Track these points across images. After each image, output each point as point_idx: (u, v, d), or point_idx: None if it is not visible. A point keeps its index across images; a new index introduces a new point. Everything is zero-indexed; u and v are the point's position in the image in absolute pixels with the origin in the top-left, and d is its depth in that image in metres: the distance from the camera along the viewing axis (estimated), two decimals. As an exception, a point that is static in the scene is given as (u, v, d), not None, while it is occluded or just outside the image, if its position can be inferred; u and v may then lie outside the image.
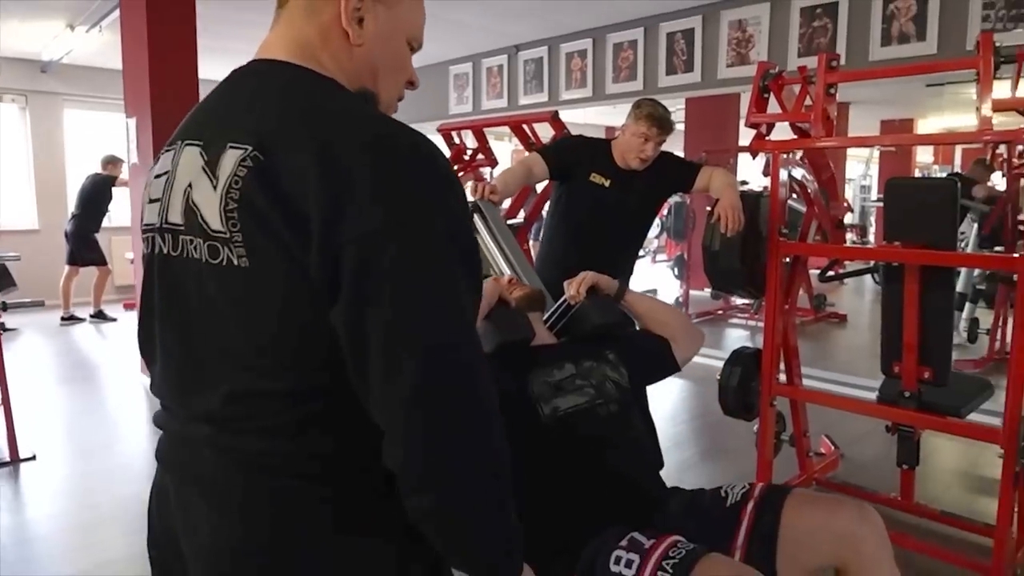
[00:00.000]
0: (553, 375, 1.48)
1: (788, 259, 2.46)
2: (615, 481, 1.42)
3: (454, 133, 4.41)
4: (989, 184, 4.64)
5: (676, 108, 7.30)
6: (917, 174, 11.83)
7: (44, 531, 2.58)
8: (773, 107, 2.53)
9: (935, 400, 2.28)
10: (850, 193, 12.91)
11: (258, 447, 0.73)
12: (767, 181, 2.59)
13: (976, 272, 4.45)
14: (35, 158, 7.03)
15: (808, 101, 2.44)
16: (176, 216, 0.76)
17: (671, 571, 1.15)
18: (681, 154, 6.88)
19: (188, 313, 0.77)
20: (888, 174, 10.37)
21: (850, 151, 10.62)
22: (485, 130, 4.31)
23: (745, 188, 6.55)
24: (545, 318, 1.74)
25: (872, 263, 3.69)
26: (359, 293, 0.66)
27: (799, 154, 2.55)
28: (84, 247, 5.93)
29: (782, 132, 2.64)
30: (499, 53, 6.02)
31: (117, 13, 4.10)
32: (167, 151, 0.81)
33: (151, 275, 0.82)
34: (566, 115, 5.78)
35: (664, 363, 1.68)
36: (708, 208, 2.40)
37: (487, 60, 6.15)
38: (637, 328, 1.79)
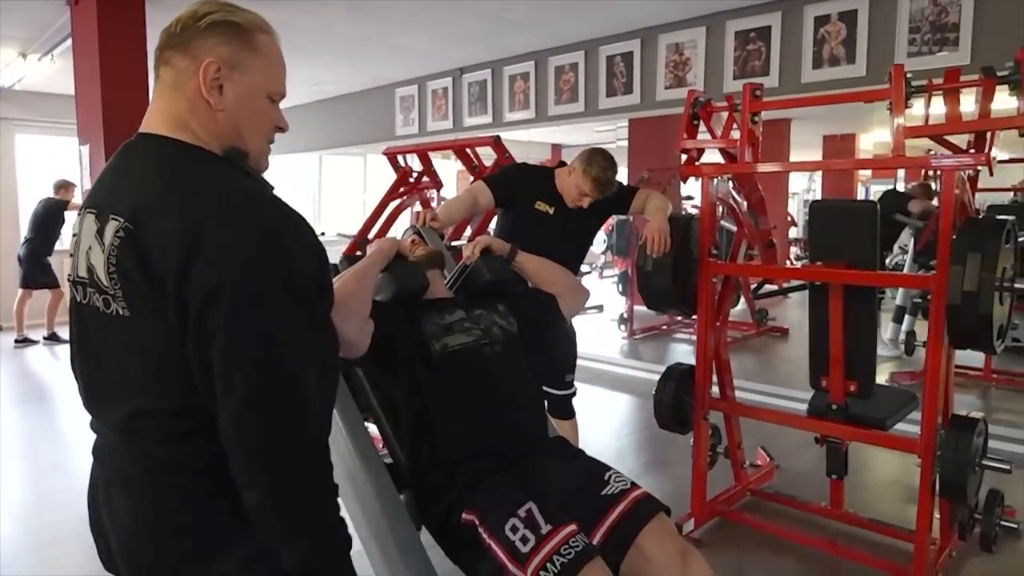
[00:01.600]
0: (444, 318, 1.63)
1: (717, 279, 2.53)
2: (497, 412, 1.56)
3: (399, 156, 4.44)
4: (929, 201, 4.84)
5: (619, 126, 7.48)
6: (860, 188, 12.31)
7: (3, 549, 2.61)
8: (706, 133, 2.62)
9: (861, 412, 2.38)
10: (794, 207, 13.35)
11: (159, 452, 0.92)
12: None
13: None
14: (-12, 183, 6.95)
15: (736, 127, 2.54)
16: (83, 272, 0.94)
17: (558, 568, 1.26)
18: (625, 171, 7.05)
19: (94, 349, 0.96)
20: (831, 188, 10.75)
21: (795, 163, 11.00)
22: (430, 153, 4.35)
23: (690, 203, 6.75)
24: (446, 281, 1.87)
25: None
26: (201, 332, 0.83)
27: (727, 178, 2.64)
28: (37, 270, 5.93)
29: (714, 157, 2.73)
30: (444, 76, 6.07)
31: (69, 42, 4.06)
32: (79, 215, 0.97)
33: (72, 316, 1.00)
34: (511, 134, 5.87)
35: (550, 315, 1.82)
36: (640, 232, 2.47)
37: (432, 83, 6.18)
38: (528, 286, 1.94)
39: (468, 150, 3.94)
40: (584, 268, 8.58)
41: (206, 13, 0.92)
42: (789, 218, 9.98)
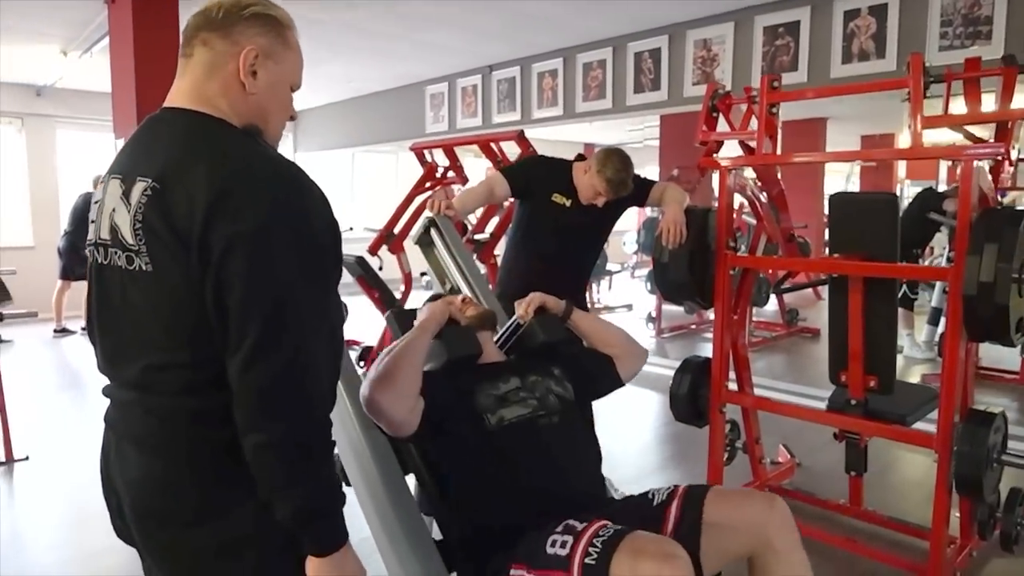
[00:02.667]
0: (499, 388, 1.56)
1: (735, 271, 2.52)
2: (553, 484, 1.49)
3: (426, 152, 4.50)
4: None
5: (650, 124, 7.45)
6: (898, 189, 12.00)
7: (35, 524, 2.76)
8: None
9: (881, 408, 2.35)
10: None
11: (171, 405, 0.96)
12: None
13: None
14: (30, 178, 7.28)
15: (755, 119, 2.53)
16: (105, 234, 0.99)
17: (599, 547, 1.23)
18: (656, 169, 7.01)
19: (114, 307, 1.00)
20: (869, 187, 10.49)
21: (829, 167, 10.76)
22: (457, 149, 4.40)
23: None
24: (496, 337, 1.81)
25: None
26: (219, 282, 0.88)
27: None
28: (76, 262, 6.12)
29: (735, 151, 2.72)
30: (473, 73, 6.12)
31: (107, 40, 4.21)
32: (101, 183, 1.02)
33: (91, 280, 1.05)
34: (541, 133, 5.89)
35: (608, 379, 1.76)
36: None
37: (462, 80, 6.24)
38: (584, 346, 1.86)
39: (493, 145, 3.99)
40: (615, 267, 8.59)
41: (248, 4, 1.01)
42: (825, 219, 9.79)
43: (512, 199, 2.71)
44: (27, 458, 3.31)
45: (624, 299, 8.06)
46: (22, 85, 6.93)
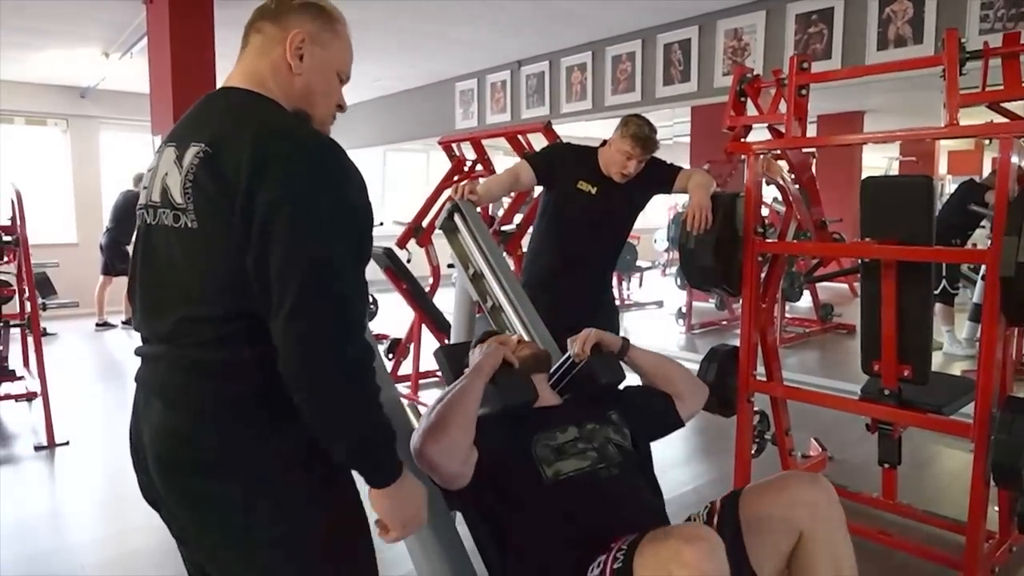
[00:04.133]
0: (556, 438, 1.49)
1: (763, 257, 2.47)
2: (614, 539, 1.37)
3: (454, 145, 4.52)
4: None
5: (680, 120, 7.36)
6: (939, 186, 11.63)
7: (74, 504, 2.89)
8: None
9: (915, 398, 2.28)
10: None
11: (197, 356, 1.01)
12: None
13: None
14: (75, 177, 7.52)
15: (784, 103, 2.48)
16: (156, 196, 1.05)
17: (625, 549, 1.19)
18: (687, 164, 6.92)
19: (158, 264, 1.06)
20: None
21: (866, 161, 10.49)
22: (486, 143, 4.41)
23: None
24: (551, 376, 1.74)
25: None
26: (262, 241, 0.92)
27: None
28: (117, 258, 6.32)
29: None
30: (502, 69, 6.12)
31: (146, 40, 4.33)
32: (157, 151, 1.09)
33: (138, 241, 1.11)
34: (571, 129, 5.86)
35: (668, 421, 1.70)
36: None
37: (491, 76, 6.25)
38: (642, 385, 1.79)
39: (520, 137, 3.98)
40: (645, 264, 8.51)
41: None
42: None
43: (538, 187, 2.71)
44: (68, 443, 3.45)
45: (655, 296, 7.98)
46: (67, 87, 7.15)
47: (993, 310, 1.90)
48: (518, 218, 4.14)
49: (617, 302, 7.52)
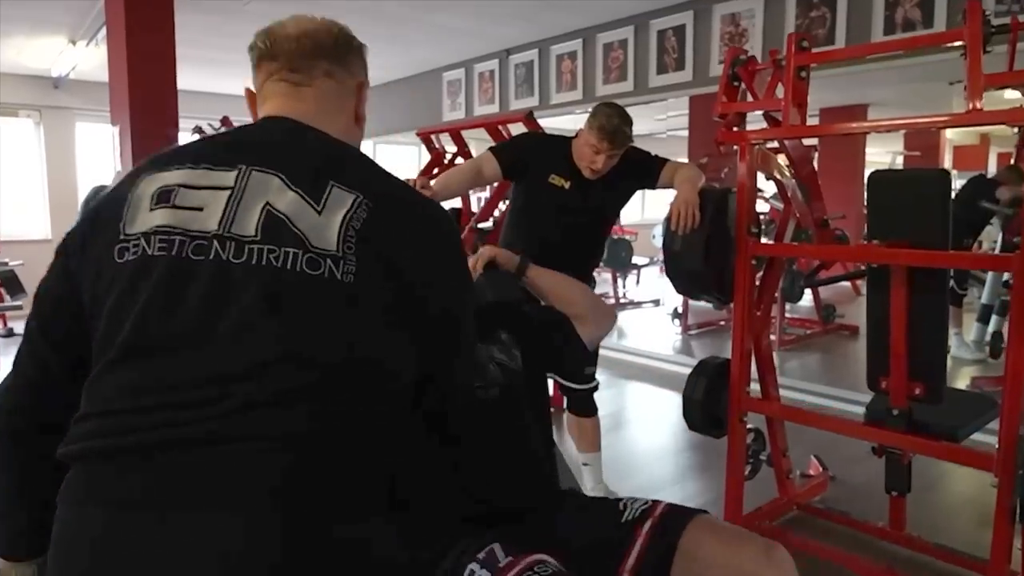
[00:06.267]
0: None
1: (758, 260, 2.22)
2: (489, 471, 1.25)
3: (433, 137, 4.28)
4: (1020, 187, 4.31)
5: (675, 114, 7.07)
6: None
7: None
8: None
9: (928, 420, 2.02)
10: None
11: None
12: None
13: (1005, 280, 4.13)
14: (48, 171, 7.23)
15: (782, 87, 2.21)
16: (249, 229, 0.81)
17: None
18: (685, 158, 6.64)
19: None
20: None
21: (870, 156, 10.20)
22: (470, 135, 4.16)
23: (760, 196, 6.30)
24: None
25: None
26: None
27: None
28: None
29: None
30: (490, 58, 5.85)
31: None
32: (217, 169, 0.85)
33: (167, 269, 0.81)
34: (561, 122, 5.60)
35: (567, 344, 1.51)
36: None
37: (479, 65, 5.98)
38: (542, 306, 1.64)
39: (501, 128, 3.74)
40: (642, 261, 8.24)
41: (351, 36, 1.02)
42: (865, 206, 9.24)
43: (503, 179, 2.45)
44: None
45: (652, 294, 7.72)
46: (38, 77, 6.86)
47: (1021, 324, 1.64)
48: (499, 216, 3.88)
49: (612, 301, 7.36)
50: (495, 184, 3.29)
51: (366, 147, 9.12)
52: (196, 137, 6.01)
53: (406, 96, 7.00)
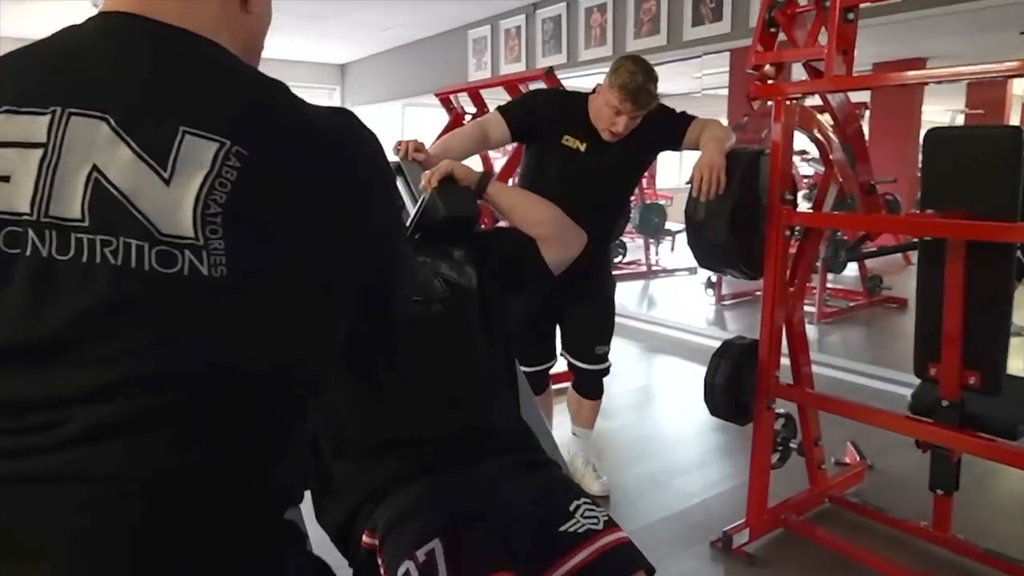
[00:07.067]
0: None
1: (792, 231, 1.98)
2: (423, 391, 1.16)
3: (452, 98, 4.06)
4: None
5: (711, 71, 6.67)
6: None
7: None
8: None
9: (983, 413, 1.79)
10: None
11: None
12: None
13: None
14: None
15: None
16: (73, 209, 0.58)
17: None
18: (724, 120, 6.26)
19: None
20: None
21: (928, 115, 9.56)
22: (489, 94, 3.93)
23: (800, 158, 5.91)
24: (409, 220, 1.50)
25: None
26: None
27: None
28: None
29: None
30: (517, 13, 5.57)
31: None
32: (23, 112, 0.60)
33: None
34: (590, 80, 5.31)
35: (527, 265, 1.38)
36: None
37: (505, 21, 5.70)
38: (504, 226, 1.53)
39: (520, 86, 3.50)
40: (676, 227, 7.92)
41: None
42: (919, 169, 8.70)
43: (512, 142, 2.24)
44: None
45: (686, 262, 7.42)
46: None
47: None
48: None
49: (644, 268, 7.09)
50: (511, 146, 3.09)
51: (393, 109, 9.00)
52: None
53: (431, 56, 6.77)
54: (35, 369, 0.57)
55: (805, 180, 5.78)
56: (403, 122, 9.58)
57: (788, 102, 1.92)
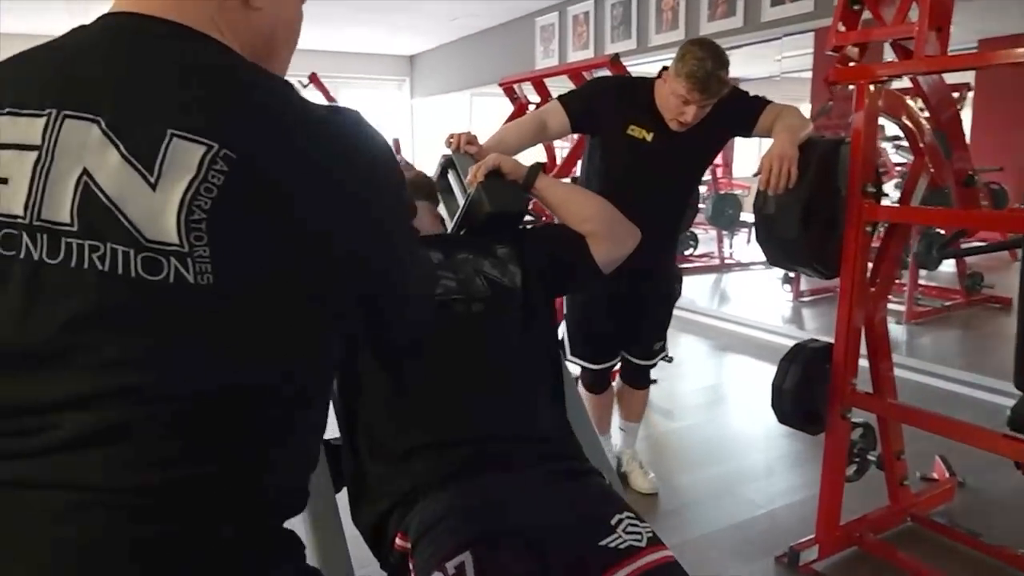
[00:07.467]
0: None
1: (874, 227, 1.81)
2: (458, 394, 1.12)
3: (516, 87, 4.00)
4: None
5: (790, 54, 6.32)
6: None
7: None
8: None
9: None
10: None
11: None
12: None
13: None
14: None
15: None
16: (62, 213, 0.58)
17: None
18: (807, 107, 5.92)
19: None
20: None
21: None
22: (553, 83, 3.84)
23: (891, 144, 5.53)
24: (457, 214, 1.47)
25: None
26: None
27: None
28: None
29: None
30: (586, -1, 5.44)
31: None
32: (23, 114, 0.60)
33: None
34: (659, 66, 5.13)
35: (576, 264, 1.31)
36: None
37: (573, 7, 5.57)
38: (555, 223, 1.44)
39: (585, 74, 3.39)
40: (751, 219, 7.58)
41: None
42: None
43: (572, 133, 2.16)
44: None
45: (762, 255, 7.12)
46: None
47: None
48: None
49: (716, 261, 6.85)
50: (573, 136, 2.99)
51: (460, 100, 9.02)
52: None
53: (499, 45, 6.74)
54: (29, 372, 0.57)
55: (897, 168, 5.40)
56: (471, 112, 9.60)
57: (872, 86, 1.75)
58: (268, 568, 0.64)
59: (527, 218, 2.07)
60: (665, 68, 1.97)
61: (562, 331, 2.21)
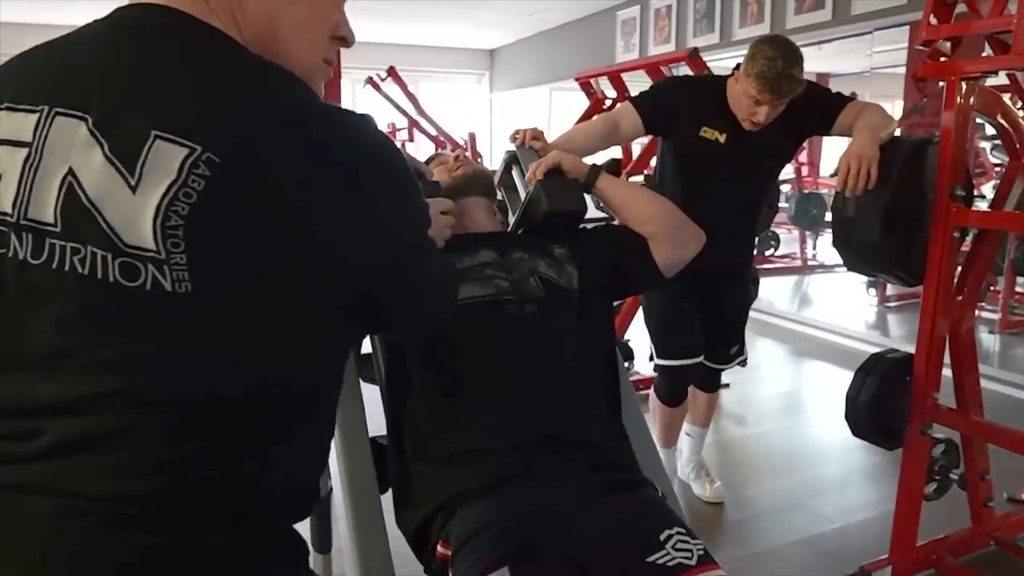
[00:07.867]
0: (463, 260, 1.19)
1: (960, 233, 1.71)
2: (506, 398, 1.10)
3: (592, 82, 3.97)
4: None
5: (880, 49, 5.98)
6: None
7: None
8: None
9: None
10: None
11: None
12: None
13: None
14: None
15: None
16: (47, 213, 0.56)
17: None
18: (899, 104, 5.58)
19: None
20: None
21: None
22: (630, 78, 3.79)
23: (991, 146, 5.17)
24: (517, 213, 1.44)
25: None
26: None
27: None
28: None
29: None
30: (669, -9, 5.35)
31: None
32: (19, 109, 0.59)
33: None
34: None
35: (637, 266, 1.27)
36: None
37: (655, 1, 5.48)
38: (616, 224, 1.41)
39: (663, 69, 3.34)
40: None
41: None
42: None
43: (646, 135, 2.13)
44: None
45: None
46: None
47: None
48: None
49: (798, 263, 6.60)
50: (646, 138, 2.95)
51: (540, 95, 9.01)
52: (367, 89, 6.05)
53: (579, 39, 6.72)
54: (22, 375, 0.57)
55: (996, 170, 5.05)
56: (550, 107, 9.59)
57: (963, 83, 1.65)
58: (267, 571, 0.63)
59: (599, 215, 2.06)
60: (738, 66, 1.92)
61: (630, 340, 2.16)
